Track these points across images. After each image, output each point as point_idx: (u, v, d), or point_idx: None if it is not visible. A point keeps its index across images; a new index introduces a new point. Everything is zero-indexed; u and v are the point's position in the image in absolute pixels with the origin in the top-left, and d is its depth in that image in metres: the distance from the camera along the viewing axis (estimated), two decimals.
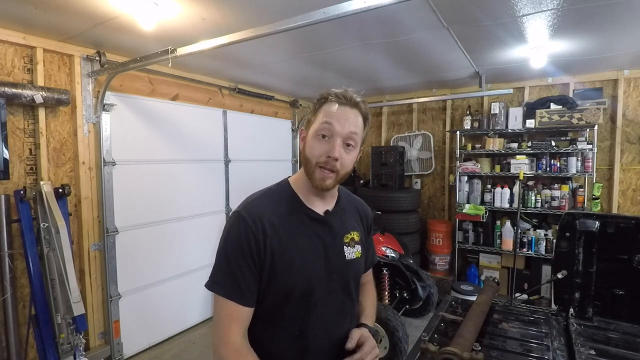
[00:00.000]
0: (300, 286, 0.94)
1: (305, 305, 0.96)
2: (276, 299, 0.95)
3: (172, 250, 3.46)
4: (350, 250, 1.05)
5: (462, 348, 1.04)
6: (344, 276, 1.02)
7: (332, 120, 0.95)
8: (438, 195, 4.93)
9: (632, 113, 3.74)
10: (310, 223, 1.00)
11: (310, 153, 0.97)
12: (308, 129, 1.01)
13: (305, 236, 0.98)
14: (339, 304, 1.03)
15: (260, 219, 0.93)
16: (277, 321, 0.97)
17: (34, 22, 2.32)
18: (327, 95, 0.99)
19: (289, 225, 0.97)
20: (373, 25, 2.47)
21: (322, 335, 1.00)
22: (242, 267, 0.91)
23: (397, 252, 3.28)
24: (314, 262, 0.97)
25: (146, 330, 3.24)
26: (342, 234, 1.05)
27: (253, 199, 1.01)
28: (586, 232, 1.47)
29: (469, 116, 4.33)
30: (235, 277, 0.91)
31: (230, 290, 0.91)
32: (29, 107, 2.56)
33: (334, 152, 0.94)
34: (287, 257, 0.93)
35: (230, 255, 0.93)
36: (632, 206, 3.79)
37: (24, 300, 2.55)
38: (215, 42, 2.07)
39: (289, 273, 0.93)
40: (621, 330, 1.36)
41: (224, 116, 4.04)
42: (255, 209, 0.96)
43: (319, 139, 0.96)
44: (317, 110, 1.00)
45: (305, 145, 1.00)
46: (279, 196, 1.02)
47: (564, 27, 2.49)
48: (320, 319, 0.99)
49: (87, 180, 2.85)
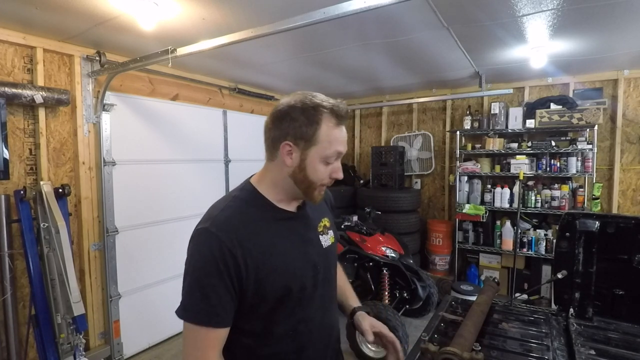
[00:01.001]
0: (291, 288, 0.93)
1: (298, 305, 0.96)
2: (268, 306, 0.92)
3: (172, 250, 3.46)
4: (325, 238, 1.06)
5: (462, 348, 1.04)
6: (326, 265, 1.03)
7: (342, 147, 0.93)
8: (438, 195, 4.93)
9: (632, 113, 3.74)
10: (285, 223, 0.98)
11: (316, 177, 0.93)
12: (302, 146, 0.91)
13: (284, 237, 0.96)
14: (326, 293, 1.04)
15: (234, 232, 0.87)
16: (271, 327, 0.94)
17: (34, 22, 2.32)
18: (323, 109, 0.90)
19: (265, 232, 0.92)
20: (373, 25, 2.47)
21: (315, 327, 1.01)
22: (217, 287, 0.85)
23: (397, 252, 3.28)
24: (298, 261, 0.96)
25: (146, 330, 3.24)
26: (316, 225, 1.05)
27: (219, 211, 0.92)
28: (586, 232, 1.47)
29: (469, 116, 4.33)
30: (209, 302, 0.84)
31: (206, 317, 0.85)
32: (29, 107, 2.56)
33: (339, 174, 0.95)
34: (271, 264, 0.90)
35: (202, 277, 0.85)
36: (632, 206, 3.79)
37: (24, 300, 2.55)
38: (215, 42, 2.07)
39: (277, 279, 0.90)
40: (621, 330, 1.36)
41: (224, 116, 4.04)
42: (226, 223, 0.88)
43: (326, 164, 0.93)
44: (317, 129, 0.90)
45: (305, 166, 0.92)
46: (247, 203, 0.95)
47: (564, 27, 2.49)
48: (312, 313, 0.99)
49: (87, 180, 2.85)
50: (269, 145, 0.96)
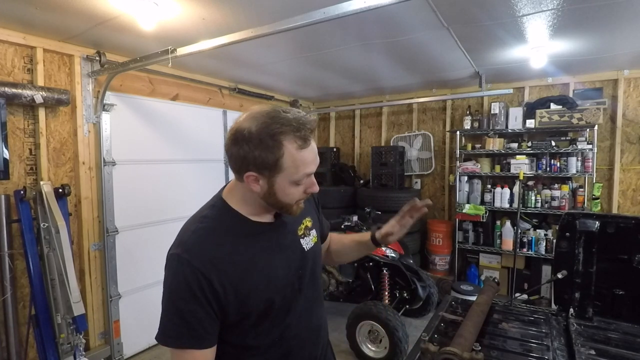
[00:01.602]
0: (274, 300, 0.92)
1: (282, 312, 0.95)
2: (252, 320, 0.90)
3: None
4: (307, 240, 1.03)
5: (462, 348, 1.04)
6: (308, 268, 1.02)
7: (311, 168, 0.87)
8: (438, 195, 4.93)
9: (632, 113, 3.74)
10: (261, 236, 0.94)
11: (288, 199, 0.89)
12: (267, 174, 0.85)
13: (262, 251, 0.92)
14: (310, 294, 1.03)
15: (207, 256, 0.84)
16: (257, 337, 0.93)
17: (34, 22, 2.32)
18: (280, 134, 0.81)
19: (242, 249, 0.89)
20: (373, 25, 2.47)
21: (301, 329, 1.01)
22: (197, 312, 0.82)
23: (397, 252, 3.28)
24: (279, 271, 0.93)
25: (146, 330, 3.24)
26: (295, 229, 1.02)
27: (190, 233, 0.88)
28: (586, 232, 1.47)
29: (469, 116, 4.33)
30: (190, 326, 0.83)
31: (188, 341, 0.83)
32: (29, 107, 2.56)
33: (314, 188, 0.92)
34: (252, 281, 0.88)
35: (180, 304, 0.83)
36: (632, 206, 3.79)
37: (24, 300, 2.55)
38: (215, 42, 2.07)
39: (259, 295, 0.89)
40: (621, 330, 1.36)
41: (224, 116, 4.04)
42: (198, 246, 0.85)
43: (294, 185, 0.87)
44: (280, 157, 0.82)
45: (275, 191, 0.87)
46: (219, 222, 0.91)
47: (564, 27, 2.49)
48: (297, 317, 0.98)
49: (87, 180, 2.85)
50: (233, 166, 0.89)
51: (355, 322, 2.93)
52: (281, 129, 0.82)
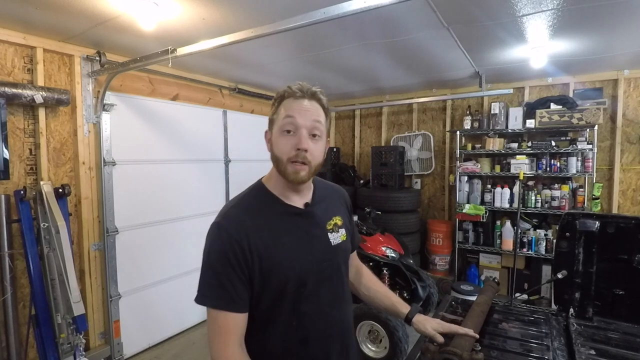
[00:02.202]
0: (293, 281, 0.97)
1: (299, 298, 0.99)
2: (271, 298, 0.96)
3: (172, 250, 3.46)
4: (335, 236, 1.09)
5: (462, 348, 1.04)
6: (333, 262, 1.07)
7: (294, 113, 0.96)
8: (438, 195, 4.93)
9: (632, 113, 3.74)
10: (291, 218, 1.02)
11: (279, 150, 0.97)
12: (272, 129, 1.01)
13: (289, 232, 1.00)
14: (333, 288, 1.07)
15: (242, 225, 0.94)
16: (273, 318, 0.98)
17: (34, 22, 2.32)
18: (283, 92, 1.00)
19: (271, 226, 0.98)
20: (373, 25, 2.47)
21: (319, 320, 1.03)
22: (230, 276, 0.91)
23: (397, 252, 3.28)
24: (302, 256, 0.99)
25: (146, 330, 3.24)
26: (324, 222, 1.08)
27: (230, 207, 1.01)
28: (586, 232, 1.47)
29: (469, 116, 4.33)
30: (225, 288, 0.91)
31: (223, 302, 0.91)
32: (29, 107, 2.56)
33: (302, 144, 0.95)
34: (274, 256, 0.95)
35: (217, 266, 0.93)
36: (632, 206, 3.79)
37: (24, 300, 2.55)
38: (215, 42, 2.07)
39: (279, 271, 0.95)
40: (621, 330, 1.36)
41: (224, 116, 4.04)
42: (235, 217, 0.97)
43: (285, 135, 0.97)
44: (277, 108, 1.00)
45: (272, 145, 1.01)
46: (255, 199, 1.03)
47: (564, 27, 2.49)
48: (315, 306, 1.02)
49: (87, 180, 2.85)
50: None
51: (355, 322, 2.93)
52: (284, 88, 0.99)
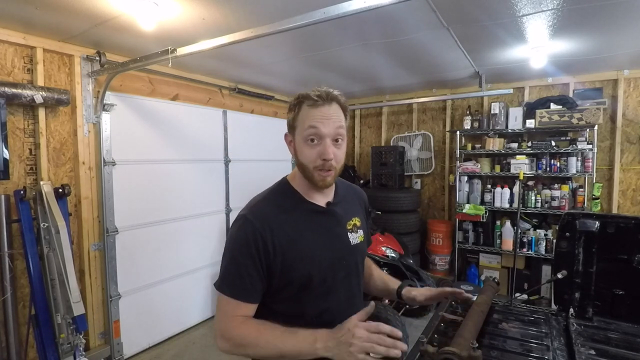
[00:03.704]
0: (314, 277, 1.00)
1: (320, 293, 1.02)
2: (292, 291, 1.00)
3: (172, 250, 3.46)
4: (354, 236, 1.12)
5: (461, 348, 1.04)
6: (352, 260, 1.10)
7: (317, 123, 0.97)
8: (438, 195, 4.93)
9: (632, 113, 3.74)
10: (314, 216, 1.06)
11: (305, 159, 1.00)
12: (293, 134, 1.04)
13: (312, 229, 1.04)
14: (350, 286, 1.10)
15: (267, 219, 0.98)
16: (295, 312, 1.02)
17: (34, 22, 2.32)
18: (302, 97, 1.00)
19: (294, 222, 1.01)
20: (373, 25, 2.47)
21: (338, 317, 1.04)
22: (249, 267, 0.96)
23: (397, 252, 3.28)
24: (323, 252, 1.03)
25: (146, 330, 3.24)
26: (345, 222, 1.11)
27: (257, 201, 1.05)
28: (586, 232, 1.47)
29: (469, 116, 4.33)
30: (242, 278, 0.96)
31: (238, 291, 0.96)
32: (29, 107, 2.56)
33: (328, 154, 0.97)
34: (296, 251, 0.98)
35: (238, 257, 0.97)
36: (632, 206, 3.79)
37: (24, 300, 2.55)
38: (215, 42, 2.07)
39: (300, 265, 0.98)
40: (621, 330, 1.35)
41: (224, 116, 4.04)
42: (261, 211, 1.01)
43: (309, 144, 0.99)
44: (296, 114, 1.01)
45: (296, 151, 1.03)
46: (281, 196, 1.06)
47: (564, 27, 2.49)
48: (335, 302, 1.05)
49: (87, 180, 2.85)
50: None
51: None
52: (303, 93, 1.00)
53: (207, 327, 3.71)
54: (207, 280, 3.85)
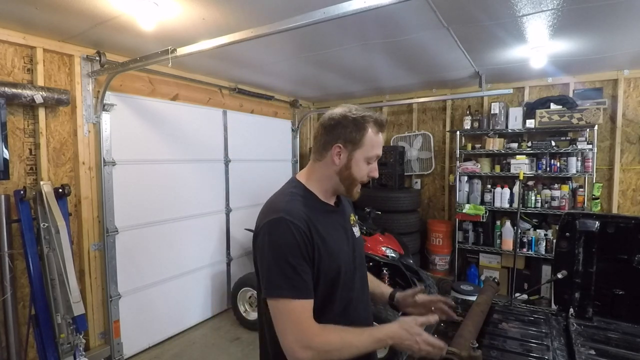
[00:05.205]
0: (341, 270, 1.08)
1: (345, 284, 1.10)
2: (326, 285, 1.06)
3: (172, 250, 3.46)
4: (356, 230, 1.25)
5: (461, 348, 1.04)
6: (360, 252, 1.23)
7: (379, 150, 1.13)
8: (438, 195, 4.93)
9: (632, 113, 3.74)
10: (331, 215, 1.16)
11: (358, 174, 1.11)
12: (352, 149, 1.10)
13: (333, 227, 1.13)
14: (362, 276, 1.22)
15: (304, 219, 1.03)
16: (325, 306, 1.06)
17: (34, 22, 2.32)
18: (371, 120, 1.10)
19: (320, 220, 1.08)
20: (373, 25, 2.46)
21: (359, 305, 1.16)
22: (303, 266, 1.00)
23: (397, 252, 3.28)
24: (344, 247, 1.13)
25: (146, 330, 3.24)
26: (349, 218, 1.24)
27: (286, 202, 1.07)
28: (586, 232, 1.47)
29: (469, 116, 4.33)
30: (301, 278, 0.98)
31: (300, 291, 0.98)
32: (29, 107, 2.56)
33: (375, 173, 1.14)
34: (327, 247, 1.05)
35: (289, 259, 0.98)
36: (632, 206, 3.79)
37: (24, 300, 2.55)
38: (215, 42, 2.07)
39: (331, 260, 1.06)
40: (621, 330, 1.35)
41: (224, 116, 4.04)
42: (296, 211, 1.04)
43: (366, 163, 1.11)
44: (363, 135, 1.09)
45: (351, 165, 1.10)
46: (303, 197, 1.11)
47: (564, 27, 2.49)
48: (357, 293, 1.16)
49: (87, 180, 2.85)
50: (319, 147, 1.13)
51: None
52: (368, 117, 1.10)
53: (207, 327, 3.71)
54: (207, 280, 3.85)
